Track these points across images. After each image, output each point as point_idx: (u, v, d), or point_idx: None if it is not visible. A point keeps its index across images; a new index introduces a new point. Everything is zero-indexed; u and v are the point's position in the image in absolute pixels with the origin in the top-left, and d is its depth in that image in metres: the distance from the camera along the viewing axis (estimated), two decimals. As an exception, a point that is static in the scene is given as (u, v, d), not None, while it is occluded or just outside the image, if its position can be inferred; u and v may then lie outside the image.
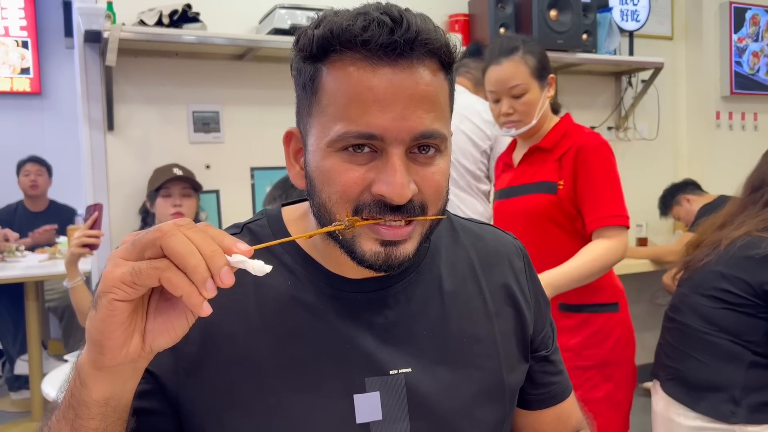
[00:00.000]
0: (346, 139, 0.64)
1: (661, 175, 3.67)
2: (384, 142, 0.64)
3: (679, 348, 1.69)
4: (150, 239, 0.52)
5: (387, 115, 0.63)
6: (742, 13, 3.83)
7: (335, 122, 0.65)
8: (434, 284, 0.77)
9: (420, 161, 0.66)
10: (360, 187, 0.65)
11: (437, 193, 0.68)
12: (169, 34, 2.43)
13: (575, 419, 0.90)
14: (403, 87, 0.63)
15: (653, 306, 3.69)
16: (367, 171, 0.65)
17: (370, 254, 0.66)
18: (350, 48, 0.64)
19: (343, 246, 0.68)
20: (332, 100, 0.65)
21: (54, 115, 4.94)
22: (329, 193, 0.66)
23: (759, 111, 3.95)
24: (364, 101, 0.63)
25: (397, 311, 0.74)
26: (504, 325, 0.80)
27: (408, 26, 0.63)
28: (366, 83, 0.63)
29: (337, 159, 0.65)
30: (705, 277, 1.66)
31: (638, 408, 3.33)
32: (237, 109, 2.77)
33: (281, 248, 0.74)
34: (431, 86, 0.65)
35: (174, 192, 2.29)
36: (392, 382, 0.71)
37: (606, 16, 3.25)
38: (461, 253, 0.81)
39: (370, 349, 0.71)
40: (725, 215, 1.71)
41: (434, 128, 0.65)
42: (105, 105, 2.53)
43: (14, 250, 3.46)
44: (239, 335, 0.70)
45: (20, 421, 3.28)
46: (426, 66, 0.65)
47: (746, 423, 1.52)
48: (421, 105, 0.64)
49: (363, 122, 0.63)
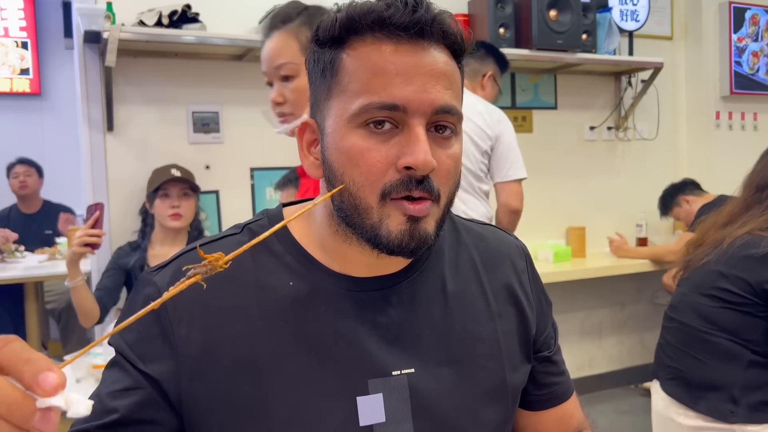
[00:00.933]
0: (369, 110, 0.65)
1: (661, 175, 3.67)
2: (406, 114, 0.65)
3: (679, 347, 1.69)
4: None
5: (409, 87, 0.65)
6: (742, 13, 3.83)
7: (357, 96, 0.66)
8: (437, 284, 0.77)
9: (437, 141, 0.67)
10: (385, 165, 0.65)
11: (448, 177, 0.68)
12: (168, 34, 2.43)
13: (577, 420, 0.90)
14: (424, 63, 0.66)
15: (653, 306, 3.69)
16: (390, 148, 0.65)
17: (397, 232, 0.66)
18: (373, 28, 0.66)
19: (368, 230, 0.67)
20: (354, 77, 0.67)
21: (54, 115, 4.94)
22: (353, 176, 0.66)
23: (759, 111, 3.95)
24: (387, 74, 0.65)
25: (400, 311, 0.74)
26: (506, 325, 0.80)
27: (427, 8, 0.66)
28: (390, 58, 0.65)
29: (359, 136, 0.66)
30: (705, 276, 1.66)
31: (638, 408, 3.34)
32: (237, 109, 2.77)
33: (283, 248, 0.74)
34: (449, 66, 0.68)
35: (172, 193, 2.29)
36: (395, 384, 0.71)
37: (606, 16, 3.26)
38: (464, 254, 0.81)
39: (373, 350, 0.71)
40: (727, 214, 1.71)
41: (453, 104, 0.67)
42: (104, 105, 2.53)
43: (14, 250, 3.46)
44: (241, 337, 0.69)
45: (20, 422, 3.27)
46: (441, 50, 0.68)
47: (745, 422, 1.52)
48: (440, 80, 0.66)
49: (386, 93, 0.65)
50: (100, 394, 0.69)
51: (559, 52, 3.06)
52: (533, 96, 3.43)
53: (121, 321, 0.73)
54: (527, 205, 3.39)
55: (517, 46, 3.01)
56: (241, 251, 0.56)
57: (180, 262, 0.74)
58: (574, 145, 3.54)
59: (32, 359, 0.40)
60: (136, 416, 0.66)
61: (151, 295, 0.71)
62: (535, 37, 2.95)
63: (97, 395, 0.69)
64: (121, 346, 0.70)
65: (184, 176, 2.34)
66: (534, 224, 3.39)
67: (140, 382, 0.68)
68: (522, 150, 3.35)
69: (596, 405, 3.39)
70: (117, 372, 0.70)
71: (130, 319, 0.51)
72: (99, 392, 0.69)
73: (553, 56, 3.08)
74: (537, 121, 3.43)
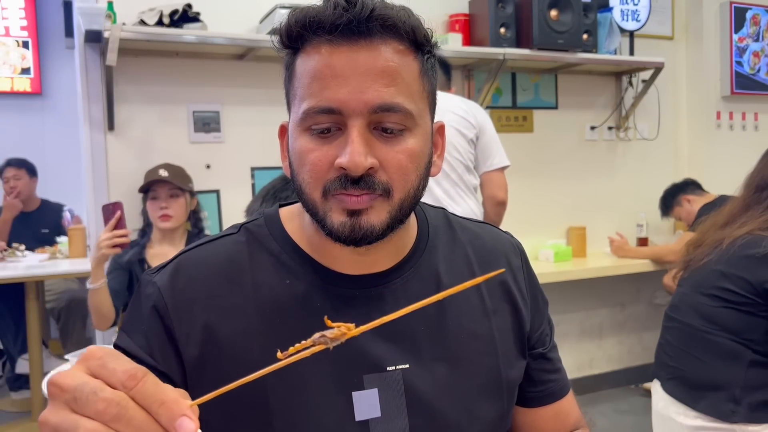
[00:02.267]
0: (310, 115, 0.67)
1: (662, 175, 3.67)
2: (343, 116, 0.66)
3: (680, 347, 1.69)
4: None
5: (344, 89, 0.66)
6: (743, 12, 3.83)
7: (302, 101, 0.68)
8: (432, 281, 0.78)
9: (384, 139, 0.68)
10: (326, 164, 0.67)
11: (401, 172, 0.68)
12: (169, 33, 2.44)
13: (573, 417, 0.90)
14: (359, 63, 0.66)
15: (653, 306, 3.69)
16: (331, 148, 0.67)
17: (338, 224, 0.68)
18: (311, 32, 0.67)
19: (319, 223, 0.70)
20: (300, 82, 0.69)
21: (54, 115, 4.94)
22: (303, 174, 0.69)
23: (759, 111, 3.95)
24: (324, 78, 0.66)
25: (395, 308, 0.74)
26: (501, 321, 0.81)
27: (362, 6, 0.65)
28: (325, 61, 0.66)
29: (306, 138, 0.68)
30: (705, 276, 1.66)
31: (638, 408, 3.34)
32: (237, 108, 2.77)
33: (279, 247, 0.76)
34: (392, 62, 0.67)
35: (160, 194, 2.28)
36: (390, 379, 0.72)
37: (606, 15, 3.26)
38: (459, 251, 0.82)
39: (368, 346, 0.72)
40: (727, 214, 1.71)
41: (395, 101, 0.66)
42: (105, 105, 2.53)
43: (14, 250, 3.46)
44: (238, 336, 0.71)
45: (21, 421, 3.28)
46: (389, 45, 0.67)
47: (747, 422, 1.52)
48: (379, 79, 0.66)
49: (323, 97, 0.66)
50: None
51: (560, 52, 3.06)
52: (534, 96, 3.43)
53: (126, 322, 0.75)
54: (528, 204, 3.40)
55: (518, 46, 3.01)
56: (370, 326, 0.53)
57: (179, 262, 0.75)
58: (574, 145, 3.54)
59: (166, 402, 0.43)
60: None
61: (152, 296, 0.72)
62: (535, 37, 2.95)
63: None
64: (132, 347, 0.71)
65: (170, 177, 2.31)
66: (534, 224, 3.39)
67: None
68: (523, 150, 3.36)
69: (596, 405, 3.39)
70: None
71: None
72: None
73: (554, 56, 3.08)
74: (537, 121, 3.43)
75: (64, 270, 3.20)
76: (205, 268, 0.74)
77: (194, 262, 0.75)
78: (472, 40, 3.07)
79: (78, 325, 3.77)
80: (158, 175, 2.30)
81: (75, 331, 3.75)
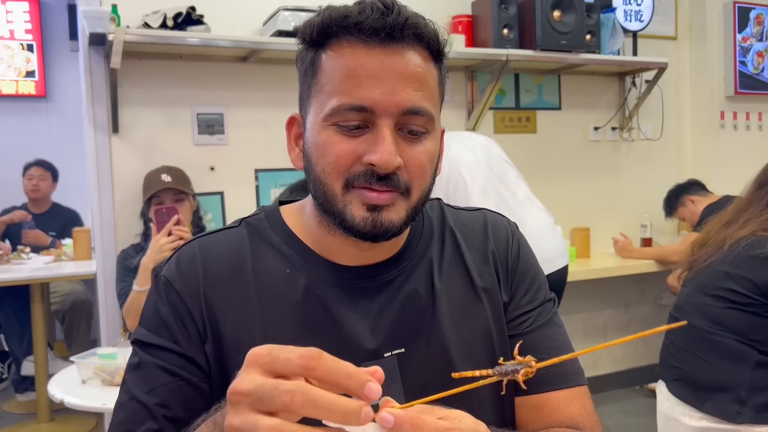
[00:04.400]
0: (340, 111, 0.69)
1: (666, 176, 3.67)
2: (374, 115, 0.69)
3: (685, 348, 1.69)
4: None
5: (378, 89, 0.68)
6: (746, 12, 3.82)
7: (331, 97, 0.70)
8: (426, 271, 0.80)
9: (408, 139, 0.71)
10: (352, 158, 0.69)
11: (420, 171, 0.72)
12: (173, 36, 2.44)
13: (564, 417, 0.80)
14: (393, 66, 0.69)
15: (658, 307, 3.69)
16: (359, 143, 0.69)
17: (359, 219, 0.70)
18: (346, 32, 0.70)
19: (336, 216, 0.71)
20: (329, 78, 0.71)
21: (59, 117, 4.95)
22: (323, 165, 0.71)
23: (763, 111, 3.94)
24: (357, 76, 0.69)
25: (391, 298, 0.77)
26: (493, 299, 0.82)
27: (399, 12, 0.69)
28: (359, 61, 0.69)
29: (332, 132, 0.70)
30: (710, 276, 1.66)
31: (643, 409, 3.33)
32: (241, 111, 2.78)
33: (279, 238, 0.78)
34: (420, 68, 0.70)
35: (165, 199, 2.28)
36: (386, 365, 0.73)
37: (609, 16, 3.25)
38: (449, 238, 0.84)
39: (365, 334, 0.74)
40: (731, 212, 1.71)
41: (422, 105, 0.70)
42: (110, 107, 2.54)
43: (20, 252, 3.47)
44: (241, 322, 0.74)
45: (26, 423, 3.29)
46: (416, 51, 0.71)
47: (752, 423, 1.51)
48: (410, 83, 0.69)
49: (355, 95, 0.68)
50: (136, 397, 0.71)
51: (563, 53, 3.06)
52: (537, 97, 3.43)
53: (143, 317, 0.77)
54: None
55: (521, 47, 3.01)
56: (551, 362, 0.53)
57: (182, 251, 0.78)
58: (578, 145, 3.54)
59: (351, 373, 0.46)
60: (184, 405, 0.70)
61: (162, 286, 0.76)
62: (538, 38, 2.95)
63: (133, 398, 0.71)
64: (152, 339, 0.74)
65: (174, 183, 2.31)
66: (538, 225, 3.39)
67: (177, 370, 0.72)
68: (526, 151, 3.36)
69: (601, 406, 3.39)
70: (149, 370, 0.72)
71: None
72: (134, 395, 0.72)
73: (557, 57, 3.07)
74: (541, 121, 3.43)
75: (69, 272, 3.22)
76: (209, 257, 0.77)
77: (198, 251, 0.78)
78: (475, 41, 3.07)
79: (83, 327, 3.78)
80: (162, 182, 2.30)
81: (80, 333, 3.76)
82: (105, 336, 2.62)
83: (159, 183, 2.31)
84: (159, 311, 0.74)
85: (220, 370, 0.73)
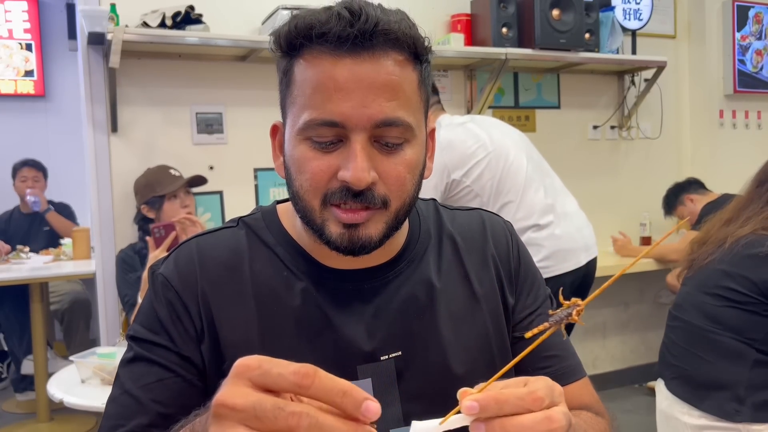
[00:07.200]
0: (312, 126, 0.67)
1: (665, 174, 3.67)
2: (346, 130, 0.67)
3: (684, 347, 1.69)
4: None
5: (348, 103, 0.66)
6: (745, 11, 3.82)
7: (303, 111, 0.68)
8: (424, 273, 0.79)
9: (385, 151, 0.69)
10: (327, 174, 0.68)
11: (399, 184, 0.70)
12: (172, 35, 2.44)
13: (579, 405, 0.82)
14: (363, 76, 0.66)
15: (657, 305, 3.69)
16: (333, 158, 0.68)
17: (336, 236, 0.69)
18: (314, 42, 0.67)
19: (316, 231, 0.71)
20: (301, 90, 0.69)
21: (58, 117, 4.95)
22: (300, 181, 0.70)
23: (762, 109, 3.94)
24: (327, 90, 0.66)
25: (387, 300, 0.76)
26: (492, 303, 0.81)
27: (366, 18, 0.65)
28: (328, 73, 0.66)
29: (306, 147, 0.69)
30: (709, 275, 1.66)
31: (642, 407, 3.34)
32: (240, 110, 2.77)
33: (274, 240, 0.78)
34: (394, 75, 0.67)
35: (179, 193, 2.30)
36: (383, 368, 0.73)
37: (608, 15, 3.25)
38: (447, 241, 0.83)
39: (361, 337, 0.74)
40: (731, 210, 1.71)
41: (396, 116, 0.67)
42: (109, 107, 2.54)
43: (19, 252, 3.47)
44: (238, 322, 0.73)
45: (26, 423, 3.29)
46: (390, 57, 0.67)
47: (751, 421, 1.52)
48: (382, 93, 0.66)
49: (326, 110, 0.66)
50: (129, 391, 0.71)
51: (562, 52, 3.06)
52: (536, 95, 3.43)
53: (140, 314, 0.77)
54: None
55: (520, 46, 3.01)
56: (593, 297, 0.52)
57: (180, 250, 0.78)
58: (577, 144, 3.54)
59: (347, 390, 0.43)
60: (176, 401, 0.70)
61: (159, 285, 0.75)
62: (537, 37, 2.95)
63: (126, 392, 0.71)
64: (148, 336, 0.73)
65: (190, 178, 2.35)
66: (537, 224, 3.39)
67: (172, 366, 0.71)
68: (525, 149, 3.34)
69: (600, 404, 3.38)
70: (143, 365, 0.72)
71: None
72: (126, 389, 0.71)
73: (556, 55, 3.07)
74: (540, 120, 3.43)
75: (69, 272, 3.22)
76: (207, 257, 0.76)
77: (196, 251, 0.77)
78: (474, 40, 3.07)
79: (82, 327, 3.78)
80: (175, 177, 2.32)
81: (79, 332, 3.76)
82: (104, 335, 2.62)
83: (172, 178, 2.31)
84: (156, 309, 0.74)
85: (216, 369, 0.72)
